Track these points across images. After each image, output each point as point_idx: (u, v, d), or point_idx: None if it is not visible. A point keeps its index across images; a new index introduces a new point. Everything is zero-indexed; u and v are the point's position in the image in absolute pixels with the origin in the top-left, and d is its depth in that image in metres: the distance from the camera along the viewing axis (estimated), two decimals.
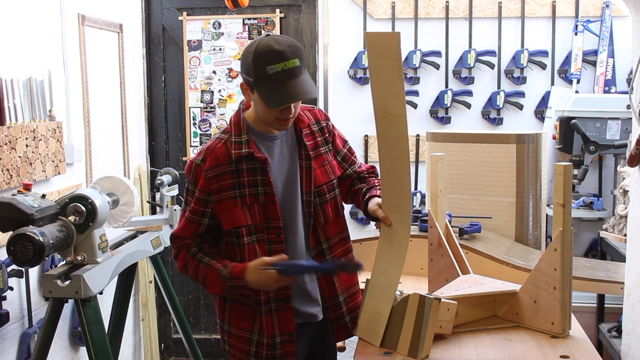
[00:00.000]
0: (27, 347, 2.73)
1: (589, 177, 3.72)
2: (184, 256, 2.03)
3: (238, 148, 1.99)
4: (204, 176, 1.98)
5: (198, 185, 2.00)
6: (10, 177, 2.62)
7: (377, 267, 2.00)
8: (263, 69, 1.86)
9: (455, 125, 3.99)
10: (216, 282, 1.98)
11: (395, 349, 1.90)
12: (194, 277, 2.03)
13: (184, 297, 4.32)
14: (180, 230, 2.06)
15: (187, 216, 2.04)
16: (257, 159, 1.99)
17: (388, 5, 3.97)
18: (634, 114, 2.18)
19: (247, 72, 1.92)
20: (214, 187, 1.98)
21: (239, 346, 2.08)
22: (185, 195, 2.06)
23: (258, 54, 1.87)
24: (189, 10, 4.14)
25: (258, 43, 1.90)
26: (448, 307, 1.93)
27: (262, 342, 2.05)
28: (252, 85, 1.92)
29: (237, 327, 2.08)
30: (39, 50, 2.97)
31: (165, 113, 4.24)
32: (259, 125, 2.04)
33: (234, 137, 2.01)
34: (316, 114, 2.17)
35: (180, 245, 2.04)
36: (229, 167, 1.98)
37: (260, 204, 2.00)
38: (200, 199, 2.00)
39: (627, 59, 3.78)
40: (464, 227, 2.76)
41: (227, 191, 1.98)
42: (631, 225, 2.31)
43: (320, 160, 2.12)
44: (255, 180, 1.99)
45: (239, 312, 2.08)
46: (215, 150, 2.00)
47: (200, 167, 1.99)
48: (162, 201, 3.17)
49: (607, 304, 3.57)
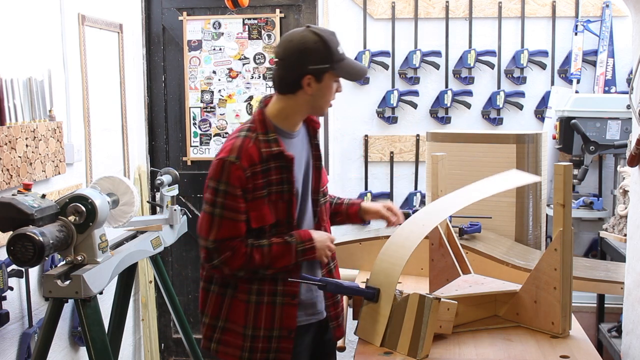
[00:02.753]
0: (27, 347, 2.74)
1: (589, 177, 3.72)
2: (245, 252, 1.98)
3: (267, 146, 2.01)
4: (242, 174, 1.96)
5: (236, 183, 1.96)
6: (10, 177, 2.62)
7: (377, 267, 2.00)
8: (337, 50, 2.00)
9: (455, 125, 4.00)
10: (286, 253, 2.00)
11: (395, 348, 1.90)
12: (260, 264, 1.99)
13: (184, 297, 4.32)
14: (227, 232, 1.98)
15: (229, 216, 1.98)
16: (286, 157, 2.02)
17: (388, 5, 3.97)
18: (634, 114, 2.18)
19: (319, 60, 1.98)
20: (249, 186, 1.97)
21: (232, 342, 2.07)
22: (218, 198, 1.98)
23: (328, 39, 1.99)
24: (189, 10, 4.14)
25: (315, 31, 2.00)
26: (448, 307, 1.93)
27: (258, 336, 2.05)
28: (326, 70, 1.99)
29: (232, 322, 2.07)
30: (39, 50, 2.97)
31: (165, 113, 4.24)
32: (283, 122, 2.07)
33: (261, 136, 2.02)
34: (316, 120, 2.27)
35: (233, 246, 1.98)
36: (260, 166, 2.00)
37: (284, 201, 2.04)
38: (240, 197, 1.97)
39: (627, 59, 3.78)
40: (463, 227, 2.76)
41: (259, 190, 2.00)
42: (631, 225, 2.31)
43: (320, 161, 2.21)
44: (281, 178, 2.03)
45: (236, 307, 2.07)
46: (248, 150, 1.99)
47: (236, 165, 1.96)
48: (162, 201, 3.16)
49: (607, 304, 3.57)
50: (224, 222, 1.98)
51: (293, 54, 1.99)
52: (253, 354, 2.05)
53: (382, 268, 1.98)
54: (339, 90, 2.09)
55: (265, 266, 2.01)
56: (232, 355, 2.07)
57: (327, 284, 2.01)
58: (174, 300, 3.26)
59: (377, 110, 4.01)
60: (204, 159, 4.22)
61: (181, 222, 3.23)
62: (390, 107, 4.00)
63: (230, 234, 1.98)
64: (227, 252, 1.98)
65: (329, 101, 2.07)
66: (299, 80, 2.00)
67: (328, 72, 2.00)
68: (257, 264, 1.99)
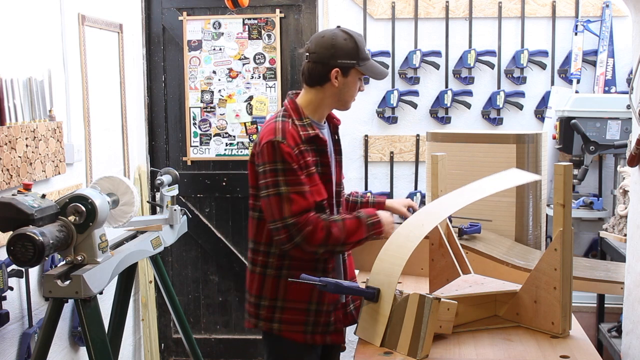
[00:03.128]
0: (27, 347, 2.73)
1: (589, 177, 3.72)
2: (324, 225, 2.07)
3: (305, 130, 2.15)
4: (293, 153, 2.07)
5: (290, 159, 2.06)
6: (10, 177, 2.62)
7: (377, 267, 2.00)
8: (364, 49, 2.17)
9: (455, 125, 4.00)
10: (359, 226, 2.12)
11: (395, 348, 1.90)
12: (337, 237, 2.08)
13: (184, 297, 4.32)
14: (300, 205, 2.06)
15: (296, 190, 2.06)
16: (321, 140, 2.16)
17: (388, 5, 3.97)
18: (634, 114, 2.18)
19: (347, 56, 2.14)
20: (302, 163, 2.09)
21: (295, 319, 2.18)
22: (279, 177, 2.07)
23: (357, 39, 2.16)
24: (189, 10, 4.14)
25: (345, 31, 2.17)
26: (448, 307, 1.93)
27: (322, 310, 2.18)
28: (353, 66, 2.15)
29: (293, 301, 2.18)
30: (39, 50, 2.97)
31: (165, 113, 4.24)
32: (315, 113, 2.21)
33: (297, 121, 2.16)
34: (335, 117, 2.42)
35: (312, 220, 2.06)
36: (303, 146, 2.12)
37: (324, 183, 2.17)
38: (298, 171, 2.08)
39: (627, 59, 3.78)
40: (463, 227, 2.76)
41: (311, 166, 2.13)
42: (631, 225, 2.31)
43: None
44: (317, 160, 2.17)
45: (294, 287, 2.14)
46: (290, 130, 2.11)
47: (284, 143, 2.07)
48: (162, 201, 3.16)
49: (607, 304, 3.57)
50: (293, 196, 2.06)
51: (325, 48, 2.15)
52: (316, 327, 2.19)
53: (382, 268, 1.98)
54: (361, 89, 2.24)
55: (341, 241, 2.11)
56: (295, 331, 2.19)
57: (328, 284, 2.01)
58: (174, 300, 3.26)
59: (377, 110, 4.01)
60: (204, 159, 4.22)
61: (181, 222, 3.23)
62: (390, 107, 4.00)
63: (304, 207, 2.07)
64: (307, 226, 2.06)
65: (353, 96, 2.22)
66: (328, 73, 2.15)
67: (354, 69, 2.16)
68: (335, 237, 2.09)
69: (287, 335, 2.20)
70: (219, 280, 4.31)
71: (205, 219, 4.26)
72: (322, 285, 2.02)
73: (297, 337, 2.19)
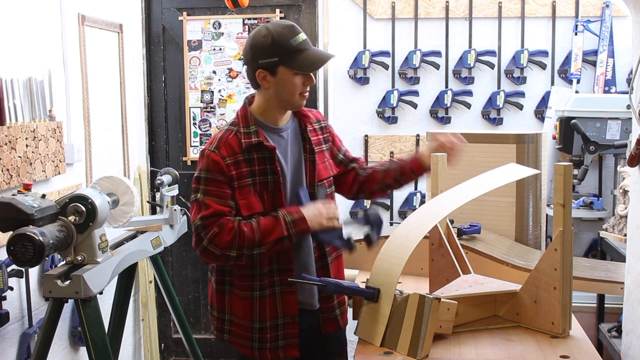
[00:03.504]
0: (27, 347, 2.73)
1: (589, 177, 3.72)
2: (232, 227, 2.00)
3: (248, 137, 2.08)
4: (222, 162, 2.04)
5: (217, 171, 2.03)
6: (10, 177, 2.62)
7: (377, 267, 2.00)
8: (288, 43, 2.02)
9: (455, 125, 4.00)
10: (276, 224, 2.02)
11: (395, 348, 1.90)
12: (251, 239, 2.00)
13: (184, 297, 4.32)
14: (215, 211, 2.01)
15: (214, 200, 2.02)
16: (266, 147, 2.08)
17: (388, 5, 3.97)
18: (634, 114, 2.18)
19: (267, 55, 2.03)
20: (233, 174, 2.04)
21: (241, 334, 2.17)
22: (200, 185, 2.05)
23: (277, 32, 2.03)
24: (189, 10, 4.14)
25: (266, 28, 2.05)
26: (448, 307, 1.93)
27: (265, 327, 2.13)
28: (277, 63, 2.03)
29: (238, 317, 2.16)
30: (39, 50, 2.97)
31: (165, 113, 4.24)
32: (267, 117, 2.14)
33: (243, 129, 2.10)
34: (316, 115, 2.32)
35: (221, 222, 2.01)
36: (242, 155, 2.07)
37: (269, 192, 2.09)
38: (222, 183, 2.04)
39: (627, 59, 3.78)
40: (463, 227, 2.75)
41: (244, 178, 2.06)
42: (631, 225, 2.31)
43: (322, 156, 2.27)
44: (265, 169, 2.09)
45: (239, 303, 2.14)
46: (228, 140, 2.07)
47: (216, 154, 2.05)
48: (162, 201, 3.16)
49: (607, 304, 3.57)
50: (207, 202, 2.03)
51: (246, 51, 2.10)
52: (263, 343, 2.15)
53: (382, 268, 1.98)
54: (307, 82, 2.09)
55: (257, 242, 2.01)
56: (242, 345, 2.18)
57: (327, 284, 2.02)
58: (174, 300, 3.26)
59: (377, 110, 4.01)
60: None
61: (181, 222, 3.23)
62: (390, 107, 4.00)
63: (216, 211, 2.02)
64: (213, 227, 2.01)
65: (294, 94, 2.09)
66: (254, 76, 2.08)
67: (281, 66, 2.04)
68: (248, 238, 2.00)
69: (236, 347, 2.21)
70: None
71: None
72: (322, 285, 2.03)
73: (245, 351, 2.18)
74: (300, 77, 2.07)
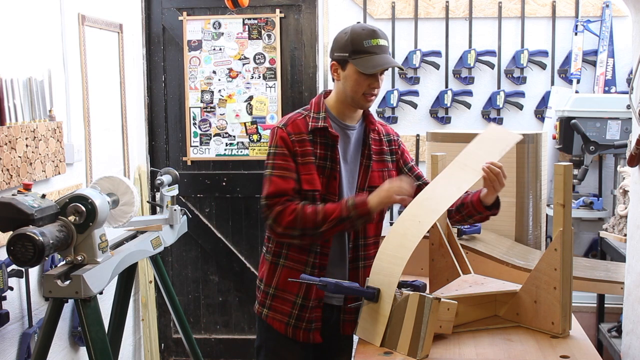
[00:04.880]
0: (27, 347, 2.73)
1: (589, 177, 3.72)
2: (295, 208, 2.10)
3: (315, 121, 2.20)
4: (288, 139, 2.17)
5: (284, 146, 2.16)
6: (10, 177, 2.62)
7: (377, 267, 2.00)
8: (360, 43, 2.14)
9: (455, 125, 4.00)
10: (337, 207, 2.08)
11: (395, 348, 1.90)
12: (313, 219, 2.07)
13: (184, 297, 4.32)
14: (277, 189, 2.13)
15: (279, 174, 2.15)
16: (330, 134, 2.19)
17: (388, 5, 3.97)
18: (634, 114, 2.18)
19: (341, 49, 2.17)
20: (297, 150, 2.16)
21: (281, 309, 2.24)
22: (269, 160, 2.18)
23: (355, 31, 2.16)
24: (189, 10, 4.14)
25: (353, 26, 2.20)
26: (448, 307, 1.93)
27: (307, 306, 2.21)
28: (347, 59, 2.15)
29: (283, 290, 2.23)
30: (39, 50, 2.97)
31: (165, 113, 4.24)
32: (338, 110, 2.25)
33: (313, 114, 2.23)
34: (389, 130, 2.40)
35: (284, 201, 2.11)
36: (307, 136, 2.19)
37: (324, 177, 2.18)
38: (287, 157, 2.16)
39: (627, 59, 3.78)
40: (463, 227, 2.75)
41: (309, 156, 2.17)
42: (631, 225, 2.31)
43: (381, 165, 2.31)
44: (325, 154, 2.19)
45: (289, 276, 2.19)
46: (296, 120, 2.22)
47: (283, 130, 2.19)
48: (162, 201, 3.16)
49: (607, 304, 3.57)
50: (273, 179, 2.16)
51: (332, 43, 2.24)
52: (298, 322, 2.22)
53: (382, 268, 1.98)
54: (373, 84, 2.17)
55: (317, 223, 2.08)
56: (279, 320, 2.25)
57: (327, 284, 2.02)
58: (174, 300, 3.26)
59: (378, 110, 4.01)
60: (204, 159, 4.22)
61: (181, 222, 3.23)
62: (390, 107, 4.00)
63: (278, 189, 2.13)
64: (277, 207, 2.11)
65: (357, 92, 2.18)
66: (330, 65, 2.23)
67: (349, 62, 2.15)
68: (310, 219, 2.08)
69: (271, 323, 2.26)
70: (219, 280, 4.31)
71: (205, 219, 4.26)
72: (321, 286, 2.03)
73: (280, 327, 2.24)
74: (365, 77, 2.15)
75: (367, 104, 2.22)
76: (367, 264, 2.27)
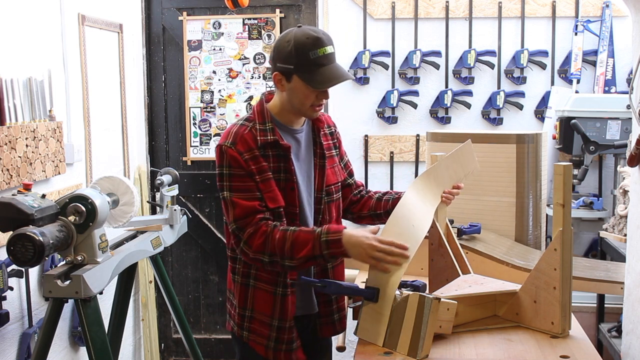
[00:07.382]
0: (27, 347, 2.74)
1: (589, 177, 3.72)
2: (265, 231, 1.97)
3: (264, 135, 2.05)
4: (241, 158, 2.01)
5: (238, 167, 2.01)
6: (10, 177, 2.62)
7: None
8: (306, 54, 1.97)
9: (455, 125, 4.00)
10: (308, 241, 1.94)
11: (395, 348, 1.90)
12: (280, 246, 1.95)
13: (184, 297, 4.32)
14: (244, 209, 1.99)
15: (242, 196, 2.00)
16: (282, 146, 2.06)
17: (388, 5, 3.97)
18: (634, 114, 2.18)
19: (285, 60, 2.00)
20: (253, 169, 2.02)
21: (260, 331, 2.13)
22: (225, 182, 2.03)
23: (299, 40, 1.98)
24: (189, 10, 4.14)
25: (295, 32, 2.01)
26: (448, 307, 1.93)
27: (284, 327, 2.11)
28: (292, 71, 2.00)
29: (259, 312, 2.13)
30: (39, 50, 2.97)
31: (165, 113, 4.24)
32: (283, 117, 2.12)
33: (259, 125, 2.07)
34: (327, 119, 2.28)
35: (256, 222, 1.98)
36: (258, 151, 2.04)
37: (281, 190, 2.06)
38: (244, 178, 2.01)
39: (627, 59, 3.78)
40: (463, 227, 2.75)
41: (265, 172, 2.04)
42: (631, 225, 2.31)
43: (331, 161, 2.23)
44: (278, 167, 2.06)
45: (262, 298, 2.12)
46: (243, 135, 2.04)
47: (233, 150, 2.02)
48: (162, 201, 3.16)
49: (607, 304, 3.57)
50: (235, 200, 2.01)
51: (272, 50, 2.08)
52: (278, 344, 2.12)
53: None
54: (321, 96, 2.05)
55: (287, 254, 1.96)
56: (259, 343, 2.14)
57: (327, 285, 2.01)
58: (174, 300, 3.26)
59: (377, 110, 4.01)
60: (204, 159, 4.22)
61: (181, 222, 3.23)
62: (390, 107, 4.00)
63: (246, 209, 2.00)
64: (248, 228, 1.99)
65: (305, 104, 2.05)
66: (273, 76, 2.07)
67: (295, 74, 2.01)
68: (277, 246, 1.96)
69: (253, 346, 2.16)
70: (219, 280, 4.31)
71: (205, 219, 4.26)
72: (321, 286, 2.02)
73: (260, 349, 2.14)
74: (312, 90, 2.02)
75: (314, 114, 2.10)
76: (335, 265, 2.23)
